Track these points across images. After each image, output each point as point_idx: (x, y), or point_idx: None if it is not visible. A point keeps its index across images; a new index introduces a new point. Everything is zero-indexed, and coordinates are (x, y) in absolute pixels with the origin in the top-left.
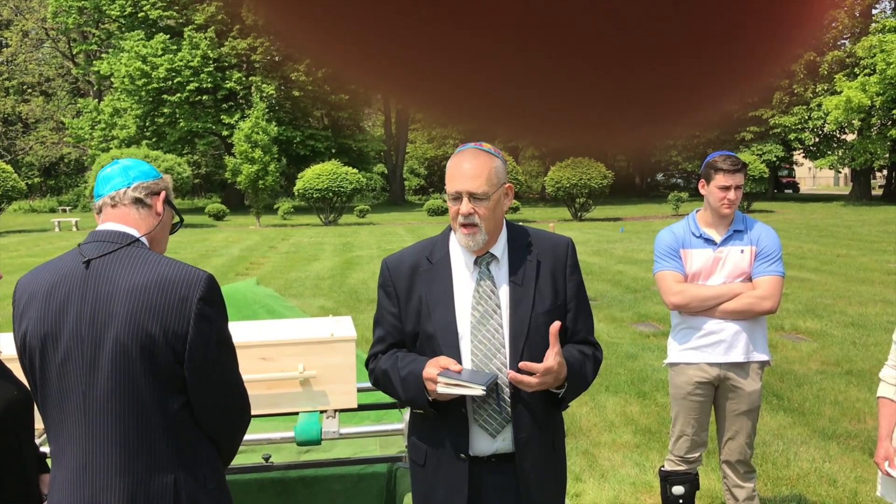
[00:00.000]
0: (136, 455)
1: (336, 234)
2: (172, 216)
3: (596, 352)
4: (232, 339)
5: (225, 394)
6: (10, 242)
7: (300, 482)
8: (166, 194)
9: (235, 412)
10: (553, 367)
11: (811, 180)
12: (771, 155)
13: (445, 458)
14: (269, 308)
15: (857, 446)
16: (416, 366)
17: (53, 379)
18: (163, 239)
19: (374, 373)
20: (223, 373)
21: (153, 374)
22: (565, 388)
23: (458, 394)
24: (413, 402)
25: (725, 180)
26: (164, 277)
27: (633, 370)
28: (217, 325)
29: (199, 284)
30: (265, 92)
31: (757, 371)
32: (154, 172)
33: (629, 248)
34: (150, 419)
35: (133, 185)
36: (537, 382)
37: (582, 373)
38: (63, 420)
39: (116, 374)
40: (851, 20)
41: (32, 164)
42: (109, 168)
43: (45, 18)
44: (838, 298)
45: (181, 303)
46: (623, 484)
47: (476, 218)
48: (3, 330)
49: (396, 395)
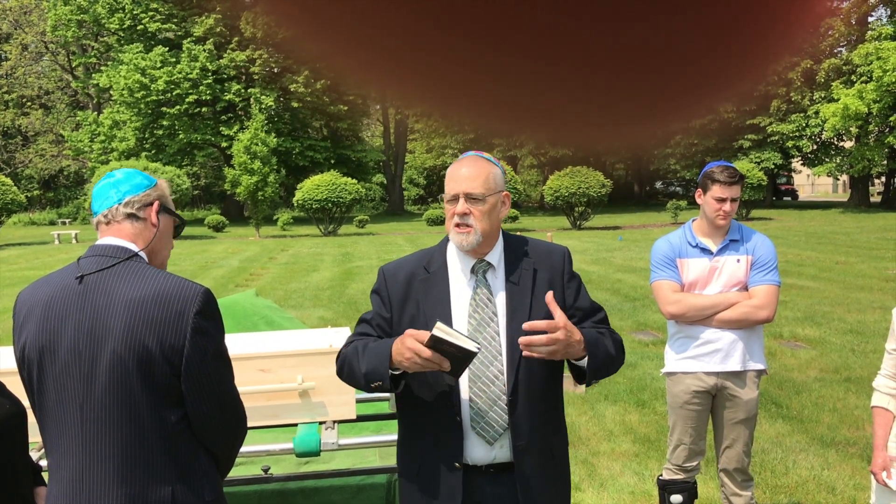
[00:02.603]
0: (133, 467)
1: (335, 245)
2: (174, 221)
3: (613, 334)
4: (228, 353)
5: (222, 407)
6: (10, 255)
7: (300, 493)
8: (160, 203)
9: (232, 424)
10: (559, 323)
11: (809, 187)
12: (769, 162)
13: (439, 468)
14: (269, 319)
15: (855, 454)
16: (384, 342)
17: (51, 391)
18: (163, 247)
19: (340, 354)
20: (220, 386)
21: (150, 388)
22: (587, 358)
23: (452, 342)
24: (372, 375)
25: (721, 192)
26: (161, 292)
27: (633, 379)
28: (214, 338)
29: (195, 299)
30: (264, 103)
31: (754, 380)
32: (145, 183)
33: (628, 256)
34: (147, 432)
35: (124, 200)
36: (547, 339)
37: (602, 345)
38: (60, 433)
39: (113, 387)
40: (848, 28)
41: (32, 176)
42: (102, 182)
43: (45, 32)
44: (837, 305)
45: (178, 317)
46: (622, 493)
47: (471, 218)
48: (3, 343)
49: (355, 372)
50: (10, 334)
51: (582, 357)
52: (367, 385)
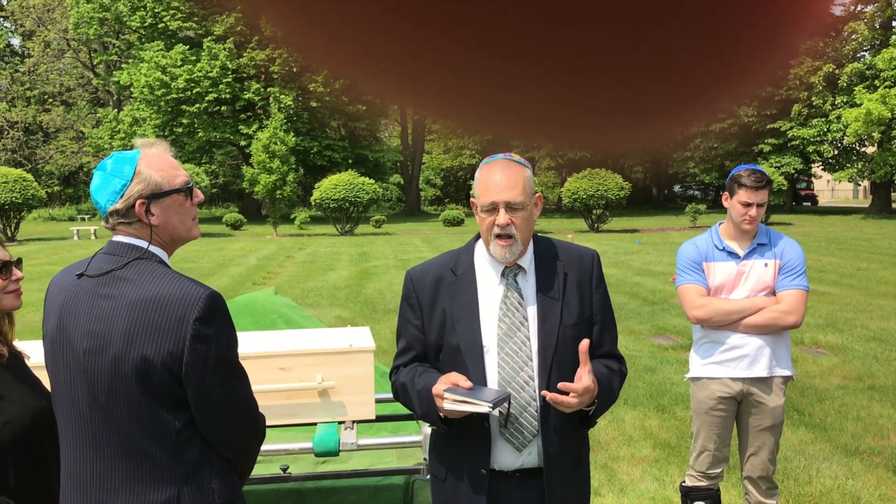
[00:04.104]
0: (137, 469)
1: (352, 244)
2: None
3: (622, 366)
4: (237, 358)
5: (230, 414)
6: (30, 250)
7: (317, 493)
8: (145, 199)
9: (244, 431)
10: (589, 385)
11: (829, 193)
12: (789, 167)
13: (465, 473)
14: (287, 318)
15: (880, 463)
16: (429, 381)
17: (62, 388)
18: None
19: (394, 386)
20: (225, 394)
21: (150, 393)
22: (595, 406)
23: (465, 410)
24: (427, 417)
25: (748, 197)
26: (163, 296)
27: (652, 384)
28: (216, 345)
29: (196, 304)
30: (283, 102)
31: (780, 386)
32: (120, 185)
33: (646, 259)
34: (150, 434)
35: (107, 213)
36: (577, 403)
37: (610, 388)
38: (70, 430)
39: (115, 390)
40: (872, 32)
41: (52, 172)
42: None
43: (67, 29)
44: (859, 312)
45: (177, 323)
46: (642, 499)
47: (513, 228)
48: (25, 338)
49: (413, 410)
50: (32, 328)
51: (592, 405)
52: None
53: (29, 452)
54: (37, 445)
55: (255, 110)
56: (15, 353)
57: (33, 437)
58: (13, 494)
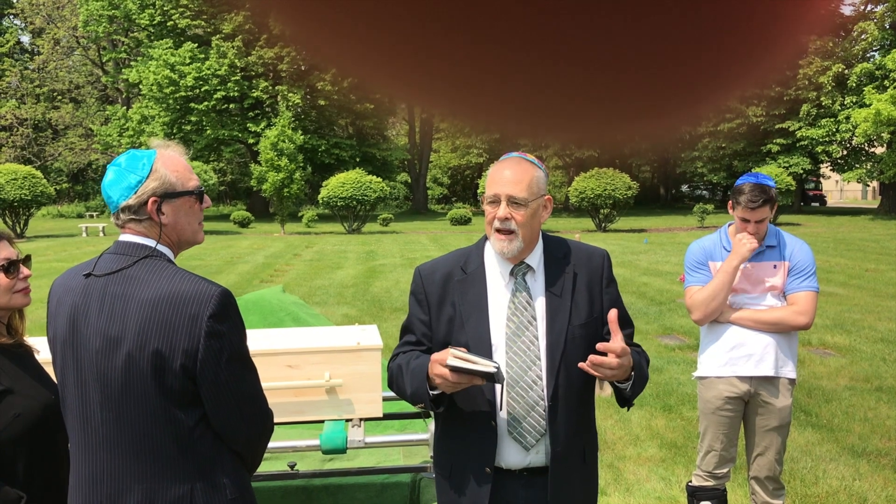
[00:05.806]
0: (150, 466)
1: (359, 243)
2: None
3: (643, 353)
4: (248, 353)
5: (243, 409)
6: (39, 247)
7: (324, 490)
8: (158, 197)
9: (255, 425)
10: (626, 348)
11: (838, 193)
12: (798, 167)
13: (470, 471)
14: (295, 315)
15: (888, 464)
16: (425, 360)
17: (72, 387)
18: (184, 228)
19: (389, 369)
20: (239, 388)
21: (165, 390)
22: (632, 382)
23: (469, 369)
24: (416, 396)
25: (745, 214)
26: (175, 293)
27: (659, 383)
28: (229, 341)
29: (209, 301)
30: (291, 101)
31: (787, 387)
32: (135, 181)
33: (654, 259)
34: (163, 432)
35: (119, 208)
36: (618, 363)
37: (641, 366)
38: (80, 427)
39: (129, 388)
40: (881, 32)
41: (61, 169)
42: (103, 182)
43: (76, 27)
44: (867, 313)
45: (191, 320)
46: (648, 499)
47: (513, 224)
48: (34, 334)
49: (403, 391)
50: (40, 325)
51: (627, 380)
52: (414, 404)
53: (39, 446)
54: (47, 439)
55: (264, 108)
56: (26, 348)
57: (44, 431)
58: (24, 487)
